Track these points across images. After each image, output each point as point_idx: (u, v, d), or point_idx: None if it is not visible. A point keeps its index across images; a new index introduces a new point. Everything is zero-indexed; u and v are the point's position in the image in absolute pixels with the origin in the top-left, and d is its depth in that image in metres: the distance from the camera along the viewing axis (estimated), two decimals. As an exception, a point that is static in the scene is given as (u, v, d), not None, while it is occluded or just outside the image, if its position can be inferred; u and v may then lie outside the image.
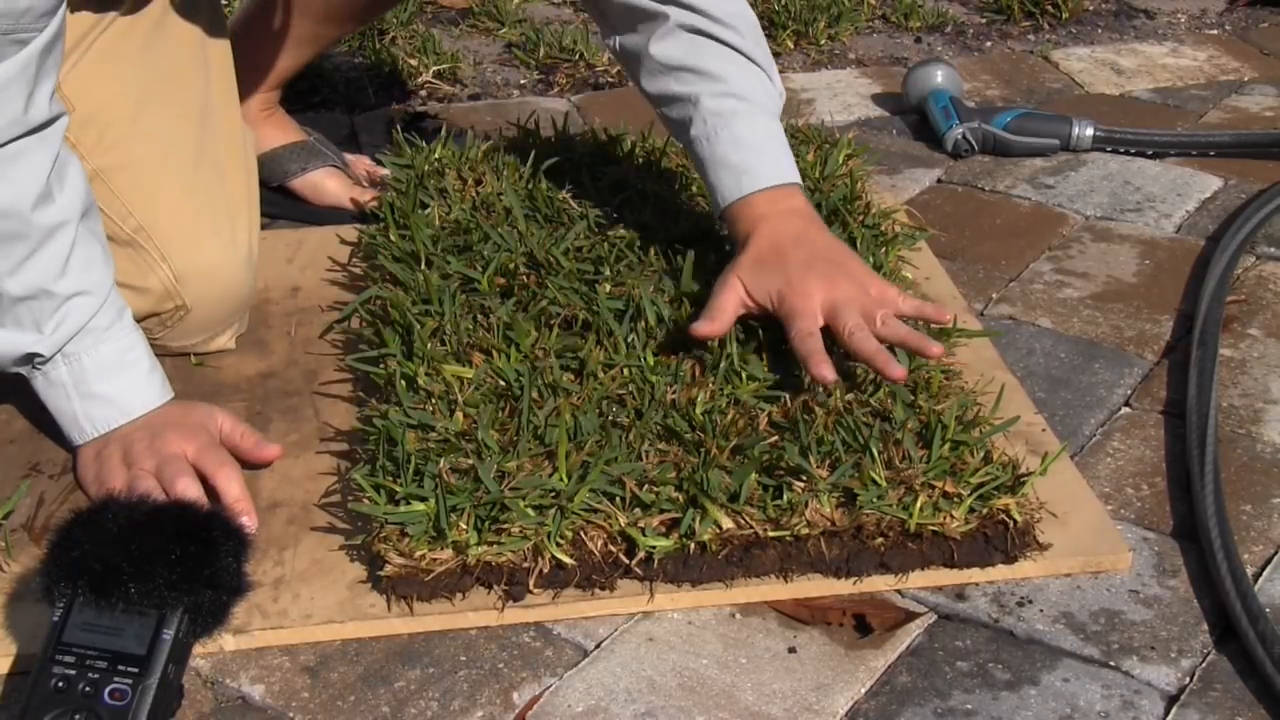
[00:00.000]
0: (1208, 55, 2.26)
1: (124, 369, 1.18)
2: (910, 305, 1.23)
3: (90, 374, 1.16)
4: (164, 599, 0.93)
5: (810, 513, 1.10)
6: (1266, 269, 1.60)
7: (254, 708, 1.01)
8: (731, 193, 1.30)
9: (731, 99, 1.32)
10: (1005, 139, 1.86)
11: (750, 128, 1.31)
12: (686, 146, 1.36)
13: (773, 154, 1.31)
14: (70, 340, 1.15)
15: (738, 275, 1.25)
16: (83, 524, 0.96)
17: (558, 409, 1.18)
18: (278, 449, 1.22)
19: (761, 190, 1.29)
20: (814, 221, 1.30)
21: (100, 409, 1.17)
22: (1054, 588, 1.12)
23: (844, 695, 1.02)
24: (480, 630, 1.07)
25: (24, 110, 1.10)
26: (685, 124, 1.34)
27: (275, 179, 1.67)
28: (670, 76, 1.34)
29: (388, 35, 2.26)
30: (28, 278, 1.13)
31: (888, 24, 2.43)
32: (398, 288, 1.38)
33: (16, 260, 1.12)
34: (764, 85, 1.35)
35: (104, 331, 1.17)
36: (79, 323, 1.15)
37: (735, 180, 1.30)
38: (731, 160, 1.30)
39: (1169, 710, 1.01)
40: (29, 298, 1.13)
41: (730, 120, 1.31)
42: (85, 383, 1.17)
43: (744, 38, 1.34)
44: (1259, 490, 1.24)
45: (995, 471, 1.13)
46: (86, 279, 1.16)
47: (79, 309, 1.15)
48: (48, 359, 1.16)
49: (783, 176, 1.31)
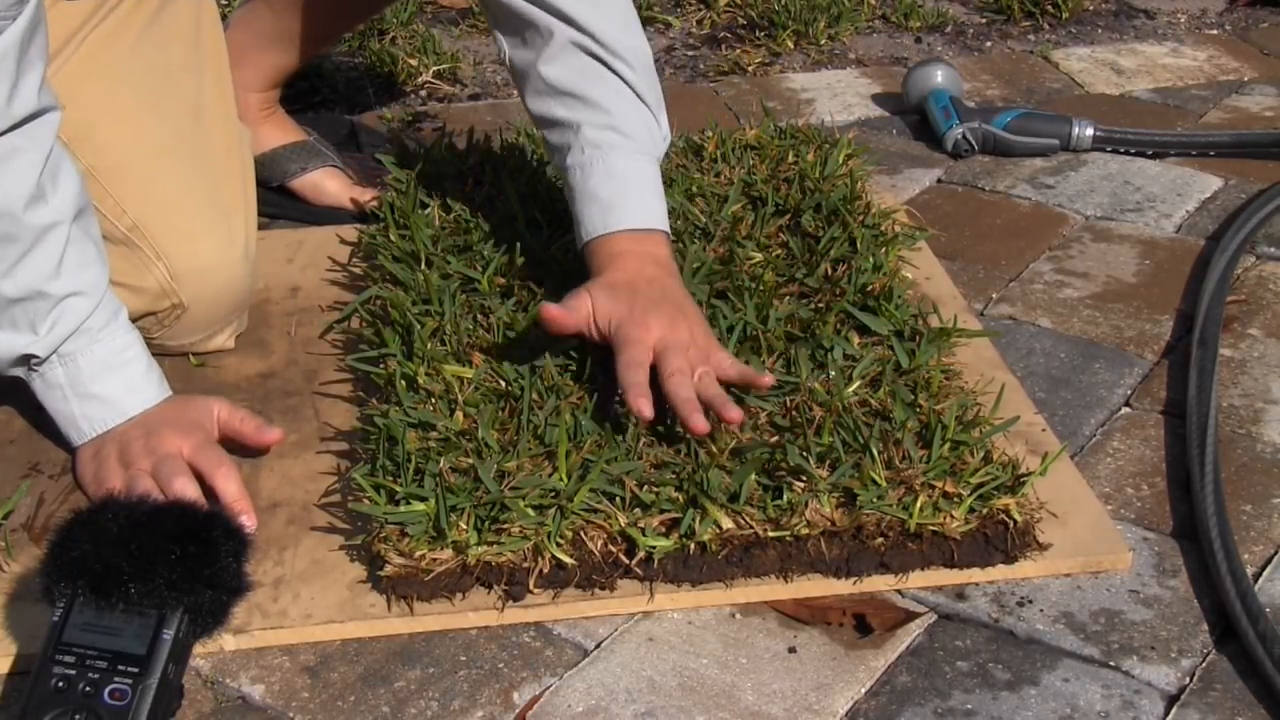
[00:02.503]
0: (1208, 55, 2.26)
1: (119, 368, 1.18)
2: (735, 371, 1.20)
3: (86, 374, 1.17)
4: (164, 599, 0.93)
5: (810, 513, 1.10)
6: (1266, 269, 1.60)
7: (254, 708, 1.01)
8: (597, 228, 1.27)
9: (613, 133, 1.29)
10: (1005, 139, 1.86)
11: (626, 166, 1.28)
12: (561, 173, 1.32)
13: (644, 196, 1.28)
14: (65, 341, 1.15)
15: (588, 291, 1.22)
16: (83, 524, 0.96)
17: (558, 409, 1.18)
18: (279, 433, 1.21)
19: (627, 230, 1.26)
20: (672, 273, 1.27)
21: (97, 409, 1.17)
22: (1054, 588, 1.12)
23: (844, 695, 1.02)
24: (480, 630, 1.07)
25: (6, 103, 1.09)
26: (564, 150, 1.30)
27: (275, 179, 1.67)
28: (555, 99, 1.30)
29: (388, 35, 2.26)
30: (22, 279, 1.13)
31: (888, 24, 2.43)
32: (398, 288, 1.38)
33: (10, 261, 1.12)
34: (648, 125, 1.31)
35: (99, 331, 1.17)
36: (74, 323, 1.15)
37: (603, 216, 1.27)
38: (601, 195, 1.27)
39: (1169, 710, 1.01)
40: (23, 299, 1.13)
41: (608, 154, 1.28)
42: (81, 383, 1.17)
43: (635, 73, 1.30)
44: (1259, 490, 1.24)
45: (995, 471, 1.13)
46: (81, 279, 1.15)
47: (74, 309, 1.15)
48: (43, 360, 1.16)
49: (650, 221, 1.28)
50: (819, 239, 1.47)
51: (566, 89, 1.30)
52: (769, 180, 1.59)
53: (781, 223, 1.51)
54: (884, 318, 1.33)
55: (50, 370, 1.17)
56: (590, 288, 1.23)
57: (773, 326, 1.30)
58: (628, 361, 1.17)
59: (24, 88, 1.10)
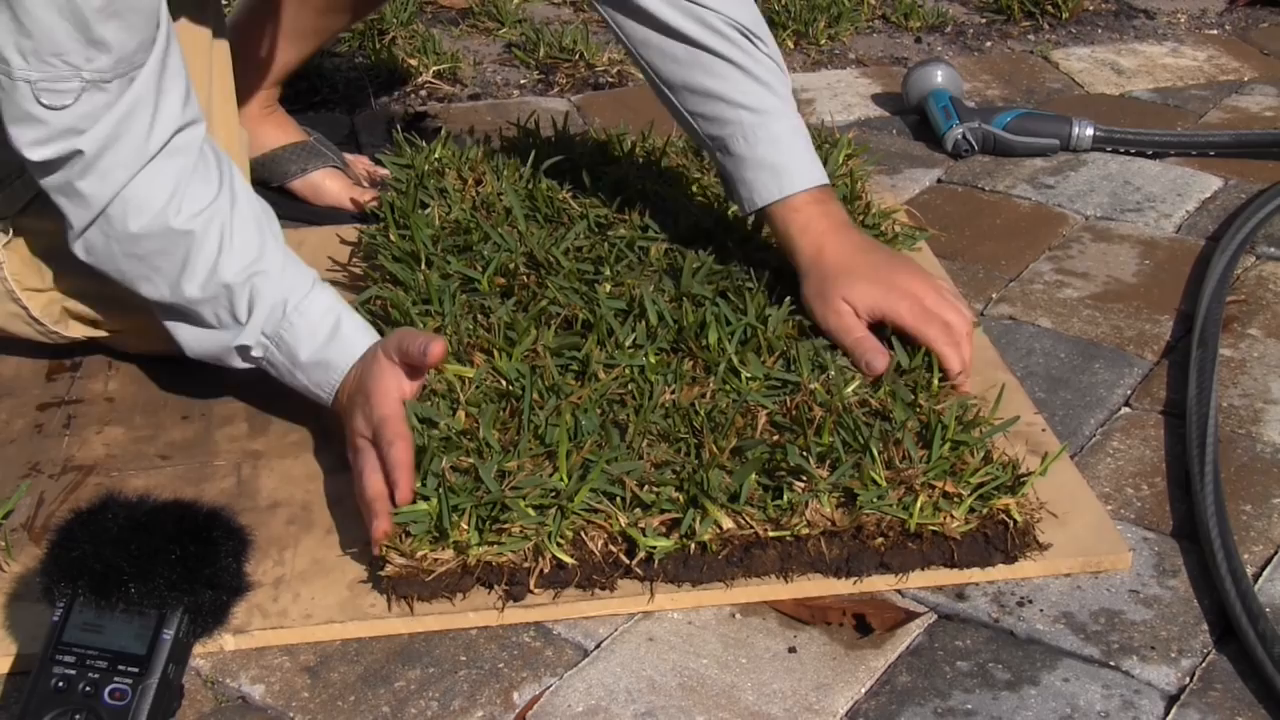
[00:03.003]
0: (1208, 55, 2.26)
1: (326, 333, 1.19)
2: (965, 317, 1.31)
3: (299, 348, 1.19)
4: (164, 599, 0.93)
5: (810, 513, 1.10)
6: (1266, 269, 1.60)
7: (254, 708, 1.01)
8: (773, 193, 1.34)
9: (769, 96, 1.36)
10: (1005, 139, 1.86)
11: (784, 129, 1.36)
12: (714, 140, 1.38)
13: (808, 155, 1.36)
14: (267, 322, 1.18)
15: (840, 296, 1.30)
16: (83, 524, 0.96)
17: (559, 409, 1.18)
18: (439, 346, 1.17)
19: (802, 192, 1.34)
20: (856, 229, 1.36)
21: (321, 374, 1.19)
22: (1054, 588, 1.12)
23: (844, 695, 1.02)
24: (480, 630, 1.07)
25: (145, 139, 1.14)
26: (718, 120, 1.36)
27: (275, 179, 1.67)
28: (703, 71, 1.36)
29: (388, 35, 2.26)
30: (197, 277, 1.17)
31: (888, 24, 2.43)
32: (398, 288, 1.38)
33: (180, 265, 1.17)
34: (788, 85, 1.39)
35: (300, 303, 1.18)
36: (269, 304, 1.18)
37: (777, 180, 1.34)
38: (771, 160, 1.34)
39: (1169, 710, 1.01)
40: (212, 297, 1.18)
41: (769, 120, 1.35)
42: (297, 357, 1.19)
43: (766, 44, 1.38)
44: (1259, 490, 1.24)
45: (995, 471, 1.13)
46: (255, 260, 1.18)
47: (262, 292, 1.18)
48: (251, 349, 1.19)
49: (819, 178, 1.36)
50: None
51: (707, 52, 1.35)
52: (769, 180, 1.58)
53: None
54: None
55: (272, 355, 1.20)
56: (839, 289, 1.30)
57: (774, 326, 1.30)
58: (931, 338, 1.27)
59: (161, 119, 1.15)
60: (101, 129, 1.12)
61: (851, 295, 1.29)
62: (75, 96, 1.10)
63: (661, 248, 1.45)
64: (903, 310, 1.28)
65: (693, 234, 1.48)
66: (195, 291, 1.17)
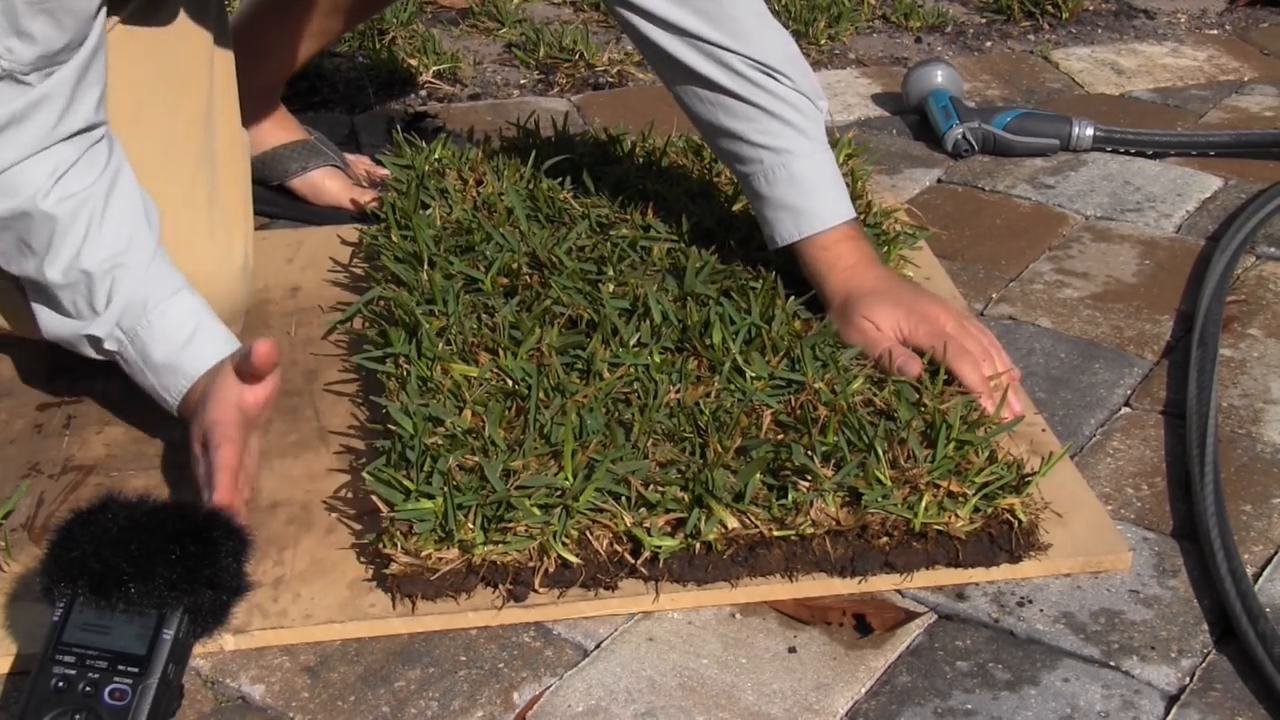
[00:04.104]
0: (1208, 55, 2.26)
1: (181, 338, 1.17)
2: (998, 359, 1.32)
3: (151, 346, 1.16)
4: (164, 599, 0.93)
5: (815, 512, 1.10)
6: (1266, 269, 1.60)
7: (254, 708, 1.01)
8: (792, 234, 1.36)
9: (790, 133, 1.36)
10: (1005, 139, 1.86)
11: (806, 167, 1.36)
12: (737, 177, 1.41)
13: (831, 191, 1.37)
14: (123, 316, 1.16)
15: (866, 318, 1.31)
16: (83, 524, 0.96)
17: (564, 408, 1.18)
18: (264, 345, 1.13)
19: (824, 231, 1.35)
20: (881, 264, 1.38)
21: (169, 378, 1.17)
22: (1054, 588, 1.12)
23: (844, 695, 1.02)
24: (480, 630, 1.07)
25: (53, 127, 1.13)
26: (739, 158, 1.38)
27: (275, 178, 1.67)
28: (719, 107, 1.37)
29: (388, 35, 2.26)
30: (60, 261, 1.15)
31: (888, 24, 2.43)
32: (401, 288, 1.38)
33: (44, 246, 1.15)
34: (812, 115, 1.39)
35: (159, 304, 1.16)
36: (125, 297, 1.15)
37: (796, 222, 1.36)
38: (790, 201, 1.36)
39: (1169, 710, 1.01)
40: (71, 283, 1.15)
41: (789, 161, 1.36)
42: (149, 356, 1.17)
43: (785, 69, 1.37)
44: (1259, 490, 1.24)
45: (1000, 471, 1.13)
46: (120, 253, 1.16)
47: (121, 284, 1.15)
48: (104, 340, 1.17)
49: (842, 216, 1.36)
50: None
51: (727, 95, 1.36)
52: (769, 180, 1.58)
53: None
54: None
55: (125, 350, 1.17)
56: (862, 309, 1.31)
57: (778, 326, 1.30)
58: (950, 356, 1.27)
59: (69, 118, 1.14)
60: (9, 109, 1.11)
61: (874, 314, 1.31)
62: None
63: (664, 247, 1.45)
64: (922, 332, 1.29)
65: (695, 233, 1.48)
66: (57, 275, 1.15)
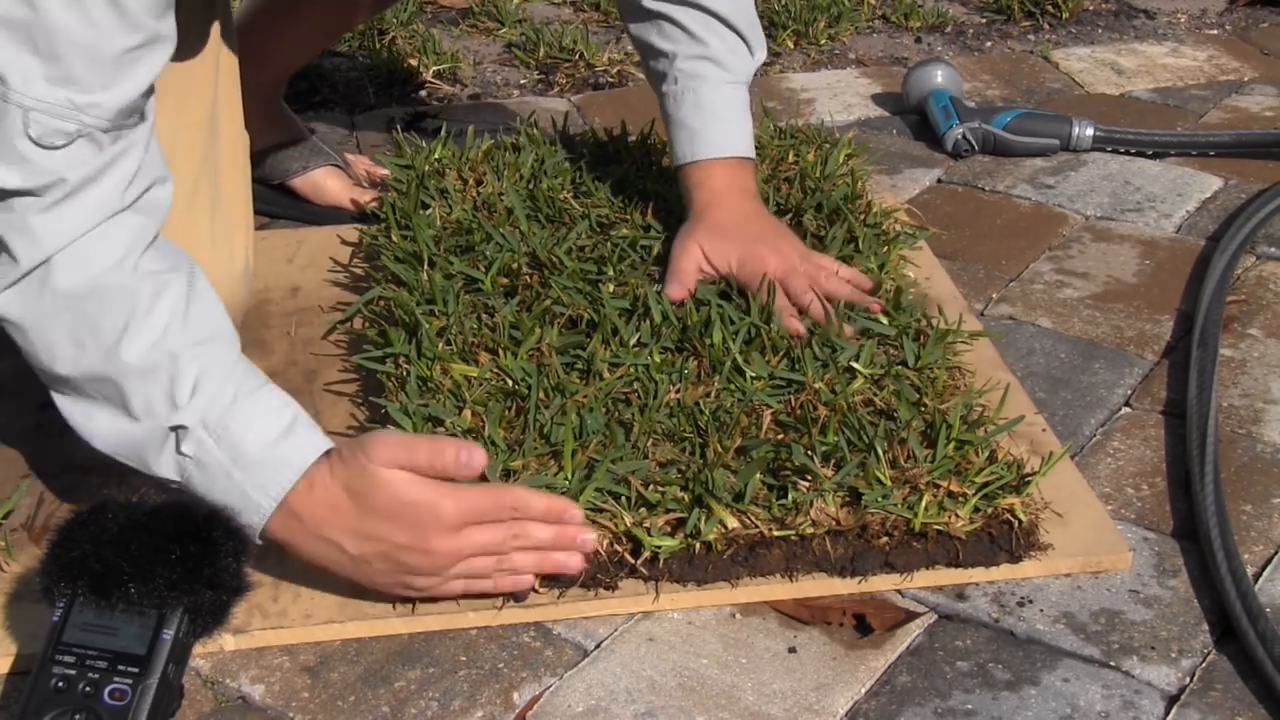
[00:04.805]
0: (1208, 55, 2.26)
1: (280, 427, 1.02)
2: (847, 272, 1.38)
3: (244, 440, 1.00)
4: (164, 599, 0.93)
5: (815, 512, 1.10)
6: (1266, 269, 1.60)
7: (254, 708, 1.01)
8: (687, 155, 1.41)
9: (705, 62, 1.41)
10: (1005, 139, 1.86)
11: (715, 96, 1.41)
12: (658, 98, 1.46)
13: (731, 124, 1.42)
14: (213, 407, 1.00)
15: (697, 242, 1.37)
16: (83, 524, 0.96)
17: (564, 408, 1.18)
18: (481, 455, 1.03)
19: (717, 159, 1.40)
20: (763, 206, 1.43)
21: (268, 473, 1.00)
22: (1054, 588, 1.12)
23: (844, 695, 1.02)
24: (480, 630, 1.07)
25: (123, 189, 1.02)
26: (660, 77, 1.44)
27: (276, 177, 1.67)
28: (654, 29, 1.43)
29: (388, 35, 2.26)
30: (144, 339, 1.00)
31: (888, 24, 2.43)
32: (401, 288, 1.38)
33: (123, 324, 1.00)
34: (738, 52, 1.43)
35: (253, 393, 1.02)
36: (218, 383, 1.00)
37: (691, 144, 1.41)
38: (691, 124, 1.41)
39: (1169, 710, 1.01)
40: (152, 367, 1.00)
41: (699, 84, 1.41)
42: (243, 451, 1.00)
43: (728, 3, 1.42)
44: (1259, 490, 1.24)
45: (1000, 471, 1.13)
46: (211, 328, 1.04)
47: (209, 371, 1.00)
48: (190, 432, 1.00)
49: (735, 149, 1.41)
50: (821, 238, 1.48)
51: (666, 15, 1.41)
52: (770, 180, 1.59)
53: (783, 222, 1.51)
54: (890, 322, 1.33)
55: (205, 451, 1.00)
56: (697, 238, 1.37)
57: (777, 326, 1.30)
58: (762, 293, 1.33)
59: (143, 172, 1.04)
60: (83, 171, 0.99)
61: (708, 244, 1.36)
62: (69, 140, 0.98)
63: (663, 247, 1.45)
64: (746, 271, 1.34)
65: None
66: (134, 358, 0.99)
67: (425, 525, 1.01)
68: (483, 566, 1.04)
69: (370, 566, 1.02)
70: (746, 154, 1.42)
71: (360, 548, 1.01)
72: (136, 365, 1.00)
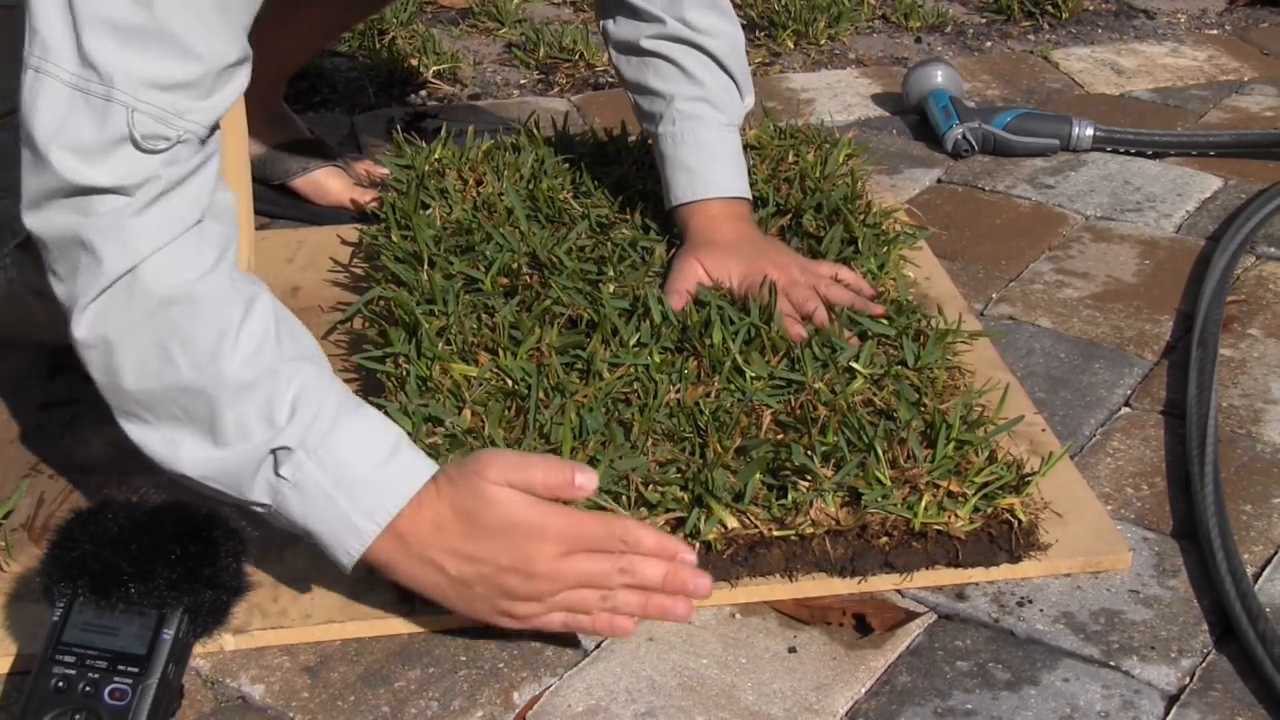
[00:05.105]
0: (1208, 55, 2.26)
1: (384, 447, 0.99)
2: (847, 275, 1.39)
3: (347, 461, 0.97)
4: (164, 599, 0.93)
5: (815, 512, 1.10)
6: (1266, 269, 1.60)
7: (254, 708, 1.01)
8: (687, 194, 1.42)
9: (703, 104, 1.43)
10: (1005, 139, 1.86)
11: (713, 136, 1.42)
12: (651, 136, 1.47)
13: (729, 166, 1.43)
14: (313, 426, 0.96)
15: (697, 258, 1.38)
16: (83, 524, 0.96)
17: (564, 407, 1.18)
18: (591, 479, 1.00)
19: (715, 199, 1.41)
20: (757, 229, 1.44)
21: (376, 496, 0.98)
22: (1054, 588, 1.12)
23: (844, 695, 1.02)
24: (480, 630, 1.07)
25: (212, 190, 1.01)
26: (655, 117, 1.45)
27: (276, 177, 1.67)
28: (650, 70, 1.44)
29: (388, 35, 2.26)
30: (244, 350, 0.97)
31: (888, 24, 2.43)
32: (401, 288, 1.38)
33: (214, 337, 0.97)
34: (733, 96, 1.45)
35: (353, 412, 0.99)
36: (317, 400, 0.97)
37: (691, 183, 1.42)
38: (691, 164, 1.42)
39: (1169, 710, 1.01)
40: (254, 381, 0.96)
41: (697, 126, 1.42)
42: (345, 473, 0.97)
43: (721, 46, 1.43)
44: (1259, 490, 1.24)
45: (1000, 471, 1.13)
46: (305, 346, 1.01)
47: (309, 386, 0.97)
48: (293, 453, 0.96)
49: (734, 190, 1.43)
50: (820, 239, 1.48)
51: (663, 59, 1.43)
52: (769, 180, 1.59)
53: (782, 223, 1.52)
54: (890, 323, 1.33)
55: (305, 474, 0.97)
56: (695, 253, 1.38)
57: (777, 326, 1.30)
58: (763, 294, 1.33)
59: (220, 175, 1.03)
60: (178, 172, 0.97)
61: (709, 260, 1.37)
62: (168, 145, 0.97)
63: (664, 248, 1.45)
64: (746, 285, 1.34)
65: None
66: (233, 371, 0.95)
67: (531, 547, 0.98)
68: (585, 600, 1.00)
69: (470, 590, 0.99)
70: (744, 194, 1.43)
71: (461, 569, 0.99)
72: (235, 379, 0.96)
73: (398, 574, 1.01)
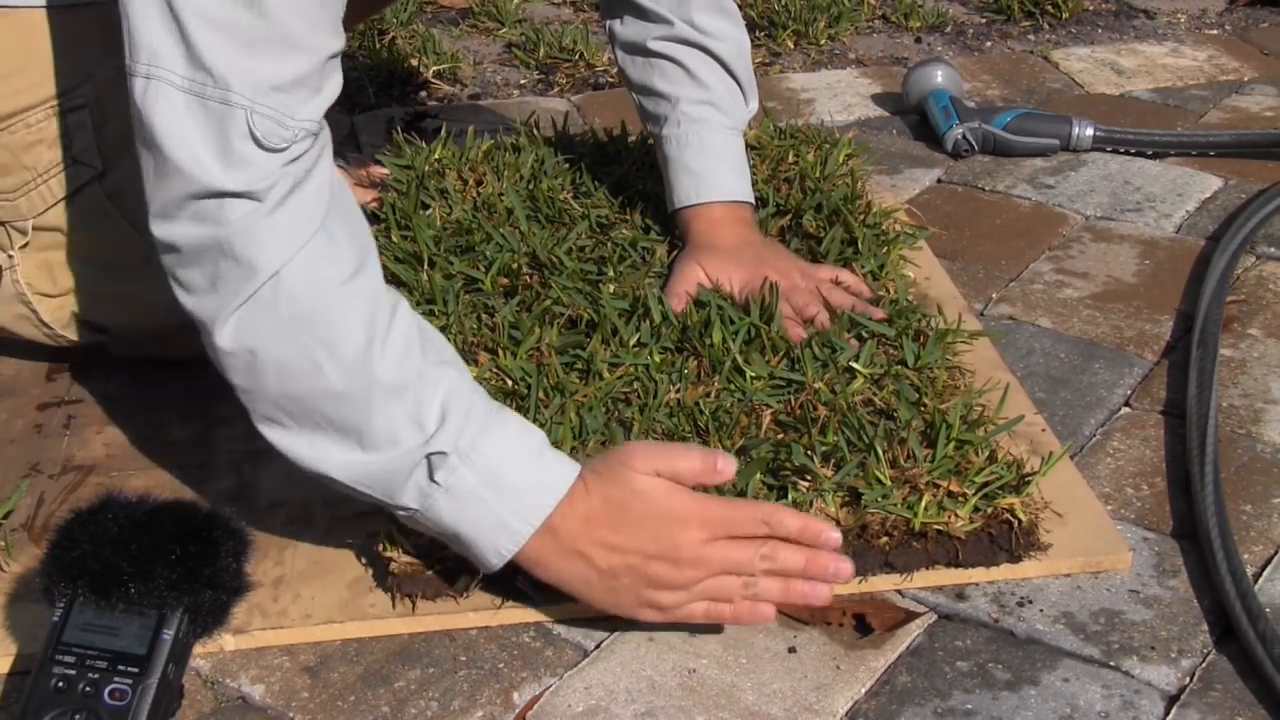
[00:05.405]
0: (1208, 55, 2.26)
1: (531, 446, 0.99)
2: (847, 278, 1.39)
3: (499, 462, 0.97)
4: (164, 599, 0.93)
5: (815, 512, 1.10)
6: (1266, 269, 1.60)
7: (254, 708, 1.01)
8: (690, 197, 1.41)
9: (708, 108, 1.43)
10: (1005, 139, 1.86)
11: (717, 140, 1.42)
12: (654, 139, 1.46)
13: (733, 169, 1.43)
14: (465, 428, 0.97)
15: (698, 262, 1.37)
16: (83, 524, 0.96)
17: (564, 407, 1.18)
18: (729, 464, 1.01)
19: (718, 202, 1.41)
20: (760, 233, 1.44)
21: (526, 498, 0.98)
22: (1054, 588, 1.12)
23: (844, 695, 1.02)
24: (480, 630, 1.07)
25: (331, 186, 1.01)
26: (660, 120, 1.44)
27: (276, 178, 1.67)
28: (656, 72, 1.44)
29: (388, 35, 2.26)
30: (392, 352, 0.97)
31: (888, 24, 2.43)
32: (401, 288, 1.38)
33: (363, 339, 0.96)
34: (738, 100, 1.45)
35: (495, 411, 1.00)
36: (465, 402, 0.97)
37: (695, 186, 1.41)
38: (695, 167, 1.41)
39: (1169, 710, 1.01)
40: (404, 385, 0.96)
41: (702, 129, 1.42)
42: (497, 474, 0.97)
43: (727, 50, 1.44)
44: (1259, 490, 1.24)
45: (1000, 471, 1.13)
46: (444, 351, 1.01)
47: (455, 387, 0.98)
48: (447, 458, 0.96)
49: (737, 194, 1.42)
50: (820, 239, 1.48)
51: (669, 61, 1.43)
52: (769, 180, 1.59)
53: (782, 223, 1.52)
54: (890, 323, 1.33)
55: (457, 478, 0.97)
56: (696, 257, 1.38)
57: (777, 326, 1.30)
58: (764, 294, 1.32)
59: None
60: (303, 166, 0.98)
61: (710, 265, 1.36)
62: (287, 144, 0.97)
63: (664, 248, 1.45)
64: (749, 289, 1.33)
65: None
66: (386, 374, 0.95)
67: (678, 534, 0.99)
68: (728, 587, 1.01)
69: (617, 582, 1.00)
70: (747, 199, 1.43)
71: (609, 560, 0.99)
72: (388, 382, 0.96)
73: (545, 569, 1.01)
